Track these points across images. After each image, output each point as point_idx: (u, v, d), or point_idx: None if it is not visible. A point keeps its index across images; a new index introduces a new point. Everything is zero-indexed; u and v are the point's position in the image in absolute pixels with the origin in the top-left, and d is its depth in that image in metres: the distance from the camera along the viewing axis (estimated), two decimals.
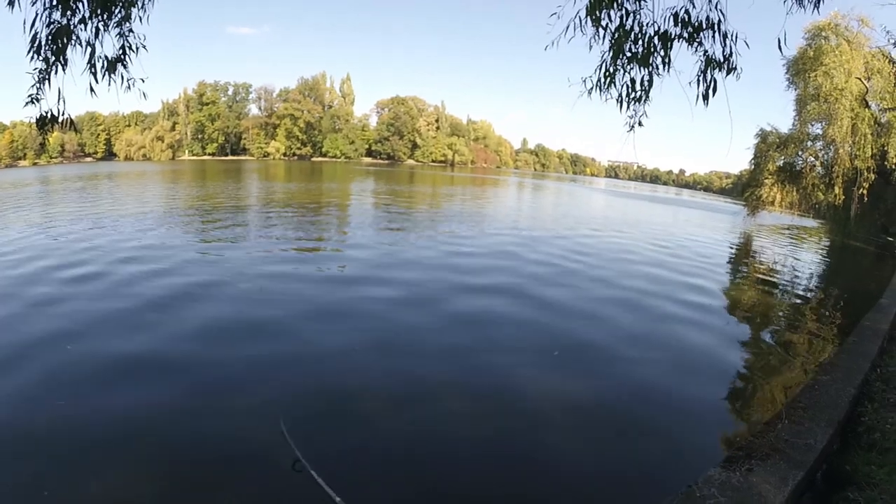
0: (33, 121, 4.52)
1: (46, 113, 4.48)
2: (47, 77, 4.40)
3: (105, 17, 4.48)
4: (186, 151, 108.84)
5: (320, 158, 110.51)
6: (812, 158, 25.87)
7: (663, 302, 9.92)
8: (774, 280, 14.00)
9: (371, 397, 5.33)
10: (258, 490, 3.78)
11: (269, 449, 4.11)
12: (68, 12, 4.31)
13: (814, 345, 8.32)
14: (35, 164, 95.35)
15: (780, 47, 4.26)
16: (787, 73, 25.18)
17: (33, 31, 4.24)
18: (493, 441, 4.67)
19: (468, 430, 4.83)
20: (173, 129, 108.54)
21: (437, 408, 5.21)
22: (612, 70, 4.70)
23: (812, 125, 25.01)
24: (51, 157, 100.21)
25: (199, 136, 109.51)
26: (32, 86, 4.40)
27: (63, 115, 4.52)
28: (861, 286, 14.30)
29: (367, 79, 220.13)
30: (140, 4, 4.68)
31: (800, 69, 23.90)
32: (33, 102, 4.46)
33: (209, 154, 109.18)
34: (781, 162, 26.54)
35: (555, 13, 4.65)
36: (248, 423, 4.70)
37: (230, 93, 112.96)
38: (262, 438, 4.30)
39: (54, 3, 4.23)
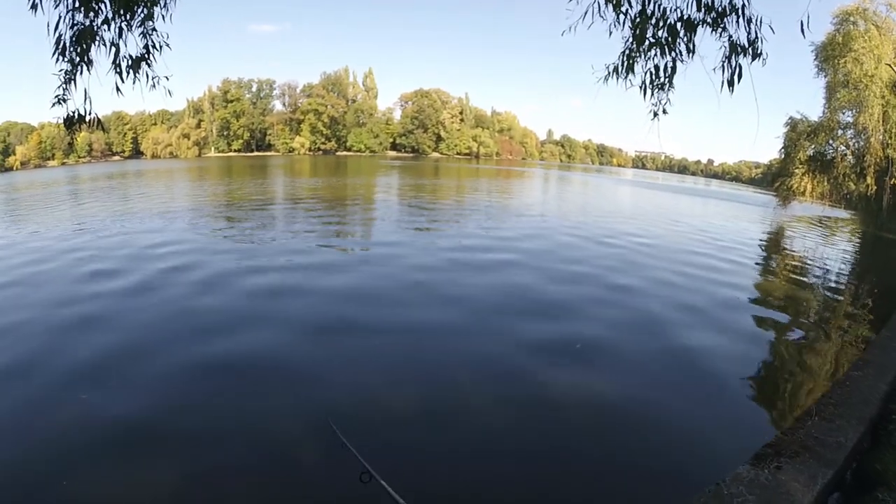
0: (61, 121, 4.62)
1: (73, 113, 4.58)
2: (73, 78, 4.49)
3: (128, 17, 4.55)
4: (212, 148, 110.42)
5: (345, 153, 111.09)
6: (843, 147, 25.20)
7: (693, 295, 9.79)
8: (805, 273, 13.69)
9: None
10: None
11: None
12: (91, 13, 4.38)
13: (845, 339, 8.12)
14: (63, 163, 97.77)
15: (802, 31, 4.14)
16: (815, 59, 24.55)
17: (57, 33, 4.33)
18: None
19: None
20: (199, 126, 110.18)
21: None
22: (633, 56, 4.61)
23: (842, 113, 24.35)
24: (79, 157, 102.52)
25: (225, 133, 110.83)
26: (59, 87, 4.50)
27: (90, 114, 4.62)
28: (893, 279, 13.90)
29: (390, 72, 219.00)
30: (162, 3, 4.74)
31: (828, 55, 23.28)
32: (60, 103, 4.56)
33: (235, 150, 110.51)
34: (811, 151, 25.87)
35: None
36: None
37: (254, 89, 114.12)
38: None
39: (77, 4, 4.30)
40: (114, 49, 4.53)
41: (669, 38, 4.44)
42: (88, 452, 4.23)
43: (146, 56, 4.71)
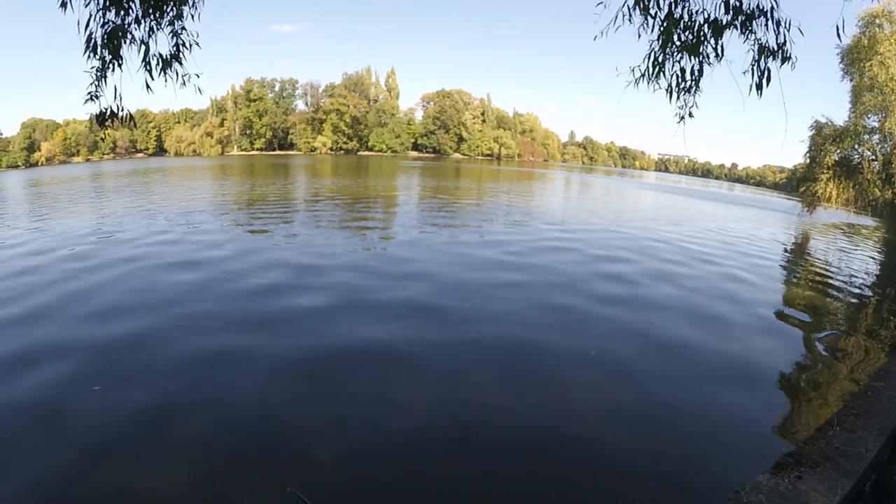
0: (93, 117, 4.72)
1: (106, 109, 4.67)
2: (104, 75, 4.58)
3: (158, 15, 4.64)
4: (235, 147, 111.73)
5: (366, 153, 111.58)
6: (869, 153, 24.67)
7: (716, 302, 9.73)
8: (829, 281, 13.43)
9: None
10: None
11: None
12: (122, 12, 4.47)
13: (868, 349, 7.96)
14: (88, 160, 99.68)
15: (838, 34, 4.08)
16: (841, 62, 24.12)
17: (88, 32, 4.42)
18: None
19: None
20: (222, 125, 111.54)
21: None
22: (660, 60, 4.59)
23: (868, 117, 23.90)
24: (103, 154, 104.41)
25: (248, 132, 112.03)
26: (91, 84, 4.59)
27: (122, 110, 4.71)
28: None
29: (412, 73, 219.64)
30: (191, 3, 4.82)
31: (854, 58, 22.86)
32: (92, 100, 4.65)
33: (257, 149, 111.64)
34: (837, 156, 25.32)
35: (601, 2, 4.57)
36: None
37: (277, 89, 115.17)
38: None
39: (108, 3, 4.39)
40: (144, 47, 4.62)
41: (696, 41, 4.41)
42: None
43: (177, 54, 4.79)
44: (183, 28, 4.80)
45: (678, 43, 4.52)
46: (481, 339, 6.98)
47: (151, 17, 4.61)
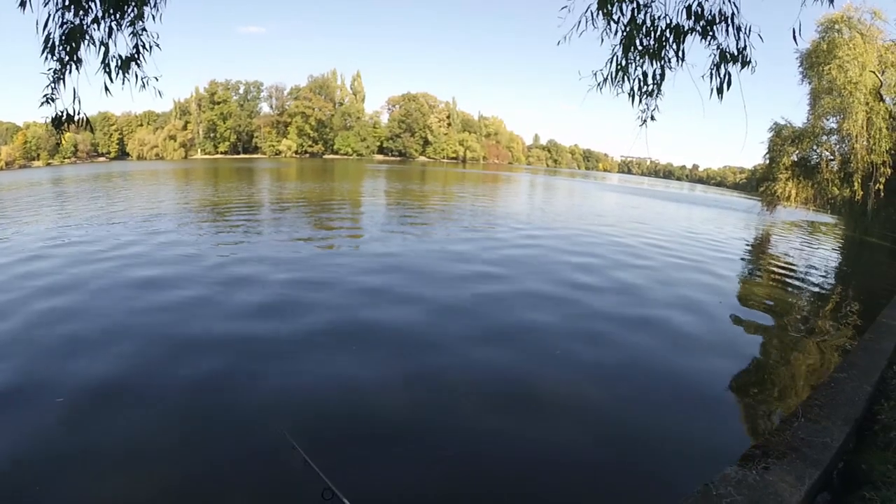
0: (49, 120, 4.57)
1: (62, 112, 4.53)
2: (62, 77, 4.45)
3: (118, 16, 4.52)
4: (199, 150, 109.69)
5: (332, 156, 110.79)
6: (827, 153, 25.53)
7: (680, 298, 9.90)
8: (790, 276, 13.84)
9: None
10: None
11: None
12: (81, 12, 4.34)
13: (830, 342, 8.22)
14: (49, 164, 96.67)
15: (794, 38, 4.23)
16: (800, 66, 24.89)
17: (46, 32, 4.29)
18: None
19: None
20: (185, 128, 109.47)
21: None
22: (623, 64, 4.67)
23: (827, 119, 24.71)
24: (64, 158, 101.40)
25: (212, 135, 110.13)
26: (47, 86, 4.46)
27: (79, 114, 4.56)
28: (877, 282, 14.12)
29: (378, 76, 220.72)
30: (153, 3, 4.71)
31: (813, 62, 23.61)
32: (48, 102, 4.51)
33: (221, 153, 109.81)
34: (796, 156, 26.21)
35: (565, 7, 4.63)
36: None
37: (241, 91, 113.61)
38: None
39: (67, 3, 4.26)
40: (103, 48, 4.48)
41: (658, 46, 4.50)
42: None
43: (136, 56, 4.67)
44: (143, 29, 4.69)
45: (640, 48, 4.61)
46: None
47: (111, 17, 4.49)
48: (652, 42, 4.57)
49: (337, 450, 4.27)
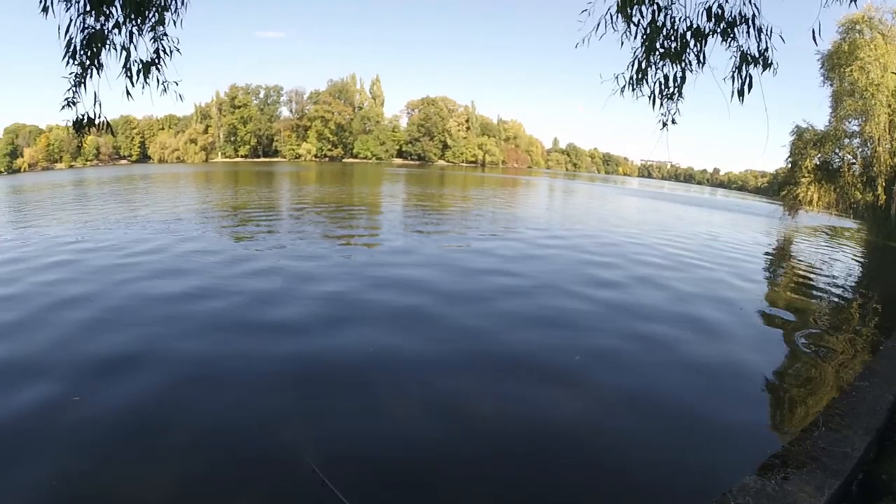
0: (70, 124, 4.65)
1: (83, 116, 4.61)
2: (83, 81, 4.53)
3: (139, 21, 4.59)
4: (219, 154, 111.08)
5: (351, 160, 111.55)
6: (849, 156, 25.12)
7: (702, 303, 9.81)
8: (812, 282, 13.60)
9: None
10: None
11: None
12: (102, 17, 4.42)
13: (852, 349, 8.05)
14: (71, 166, 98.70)
15: (814, 38, 4.15)
16: (821, 68, 24.60)
17: (68, 37, 4.36)
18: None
19: None
20: (206, 131, 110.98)
21: None
22: (643, 67, 4.63)
23: (849, 122, 24.31)
24: (86, 160, 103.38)
25: (232, 139, 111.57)
26: (69, 89, 4.54)
27: (99, 117, 4.64)
28: None
29: (397, 80, 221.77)
30: (173, 9, 4.78)
31: (834, 64, 23.29)
32: (70, 106, 4.59)
33: (241, 156, 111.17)
34: (818, 160, 25.74)
35: (585, 10, 4.60)
36: None
37: (261, 96, 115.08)
38: None
39: (88, 8, 4.34)
40: (124, 53, 4.56)
41: (679, 49, 4.45)
42: None
43: (157, 60, 4.74)
44: (164, 34, 4.76)
45: (661, 50, 4.56)
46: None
47: (132, 22, 4.56)
48: (673, 45, 4.53)
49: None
